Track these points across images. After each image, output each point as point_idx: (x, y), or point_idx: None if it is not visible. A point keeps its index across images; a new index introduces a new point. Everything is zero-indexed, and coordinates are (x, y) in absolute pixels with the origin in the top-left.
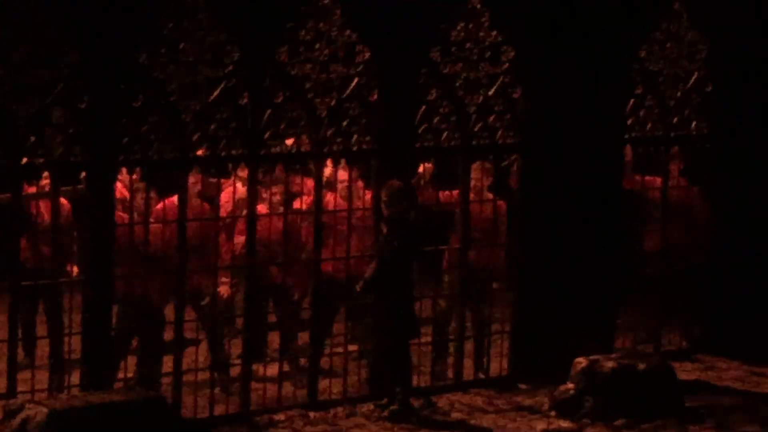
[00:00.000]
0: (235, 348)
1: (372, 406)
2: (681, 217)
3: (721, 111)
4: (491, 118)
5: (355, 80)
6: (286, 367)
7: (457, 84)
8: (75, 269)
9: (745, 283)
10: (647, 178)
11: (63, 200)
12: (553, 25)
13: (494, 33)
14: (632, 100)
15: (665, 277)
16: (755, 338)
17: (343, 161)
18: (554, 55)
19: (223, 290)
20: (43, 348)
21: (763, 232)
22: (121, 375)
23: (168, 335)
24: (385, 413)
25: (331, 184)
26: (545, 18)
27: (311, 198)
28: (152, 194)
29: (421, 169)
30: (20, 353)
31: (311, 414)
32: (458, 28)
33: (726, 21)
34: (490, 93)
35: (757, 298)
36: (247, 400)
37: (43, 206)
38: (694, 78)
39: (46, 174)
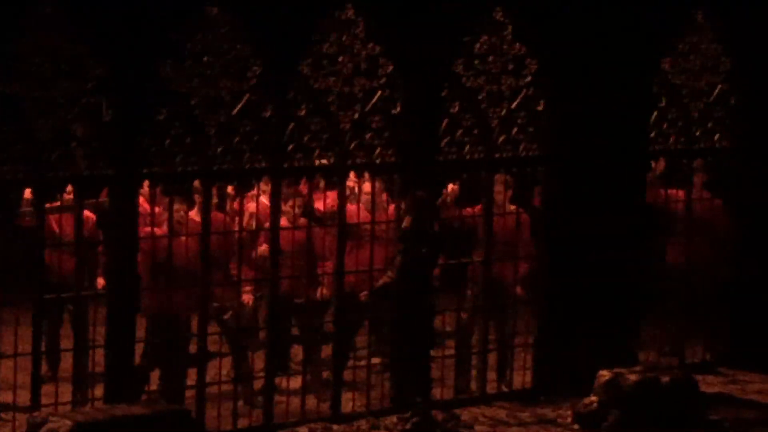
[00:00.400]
0: (259, 361)
1: (395, 419)
2: (704, 230)
3: (745, 123)
4: (514, 131)
5: (378, 93)
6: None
7: (480, 97)
8: (101, 282)
9: None
10: (670, 190)
11: (88, 213)
12: (576, 38)
13: (517, 46)
14: (655, 113)
15: (688, 290)
16: None
17: (366, 174)
18: (577, 67)
19: (246, 298)
20: (66, 361)
21: None
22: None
23: (191, 348)
24: (408, 426)
25: (354, 196)
26: (568, 30)
27: (331, 206)
28: (183, 207)
29: (446, 190)
30: (44, 366)
31: (334, 427)
32: (481, 41)
33: (749, 33)
34: (513, 106)
35: None
36: (270, 413)
37: (65, 220)
38: (717, 90)
39: (69, 188)
